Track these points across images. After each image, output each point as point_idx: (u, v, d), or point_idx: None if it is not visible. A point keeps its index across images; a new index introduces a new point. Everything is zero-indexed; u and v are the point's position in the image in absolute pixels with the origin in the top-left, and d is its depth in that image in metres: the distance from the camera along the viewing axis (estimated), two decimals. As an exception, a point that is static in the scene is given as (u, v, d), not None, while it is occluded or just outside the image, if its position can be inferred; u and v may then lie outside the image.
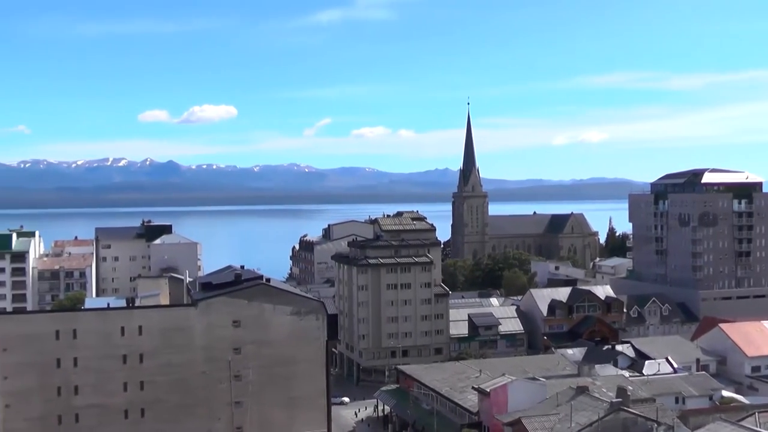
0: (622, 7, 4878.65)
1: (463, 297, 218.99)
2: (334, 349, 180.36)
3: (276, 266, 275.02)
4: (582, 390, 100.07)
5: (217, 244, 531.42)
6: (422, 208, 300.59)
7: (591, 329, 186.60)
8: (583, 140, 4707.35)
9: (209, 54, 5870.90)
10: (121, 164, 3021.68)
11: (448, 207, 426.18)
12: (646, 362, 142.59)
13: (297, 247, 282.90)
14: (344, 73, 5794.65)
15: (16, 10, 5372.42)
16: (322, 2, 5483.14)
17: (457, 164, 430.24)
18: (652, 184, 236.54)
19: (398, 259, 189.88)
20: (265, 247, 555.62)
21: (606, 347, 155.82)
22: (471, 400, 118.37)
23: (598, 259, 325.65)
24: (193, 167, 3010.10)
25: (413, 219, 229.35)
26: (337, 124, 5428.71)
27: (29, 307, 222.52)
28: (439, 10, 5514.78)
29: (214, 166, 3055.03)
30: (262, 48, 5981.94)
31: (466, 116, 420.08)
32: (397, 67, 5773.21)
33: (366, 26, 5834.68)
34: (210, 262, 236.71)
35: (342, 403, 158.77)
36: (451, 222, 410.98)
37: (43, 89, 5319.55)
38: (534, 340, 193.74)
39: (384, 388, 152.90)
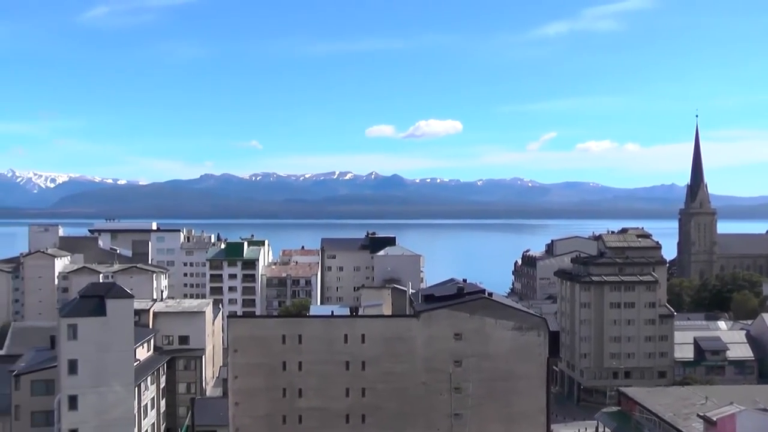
0: None
1: (688, 319, 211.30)
2: (554, 367, 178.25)
3: (498, 281, 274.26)
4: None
5: (440, 257, 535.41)
6: (647, 225, 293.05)
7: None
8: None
9: (436, 69, 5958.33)
10: (347, 177, 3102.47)
11: (675, 224, 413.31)
12: None
13: (519, 261, 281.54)
14: (571, 85, 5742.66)
15: (254, 33, 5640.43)
16: (548, 15, 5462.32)
17: (684, 179, 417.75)
18: None
19: (622, 277, 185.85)
20: (487, 261, 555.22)
21: None
22: (696, 429, 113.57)
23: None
24: (417, 181, 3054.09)
25: (638, 236, 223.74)
26: (562, 138, 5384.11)
27: (257, 312, 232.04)
28: (667, 19, 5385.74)
29: (438, 180, 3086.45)
30: (489, 62, 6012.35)
31: (695, 129, 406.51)
32: (625, 78, 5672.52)
33: (593, 37, 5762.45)
34: (432, 275, 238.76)
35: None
36: (677, 240, 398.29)
37: (276, 106, 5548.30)
38: (765, 368, 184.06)
39: (605, 410, 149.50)
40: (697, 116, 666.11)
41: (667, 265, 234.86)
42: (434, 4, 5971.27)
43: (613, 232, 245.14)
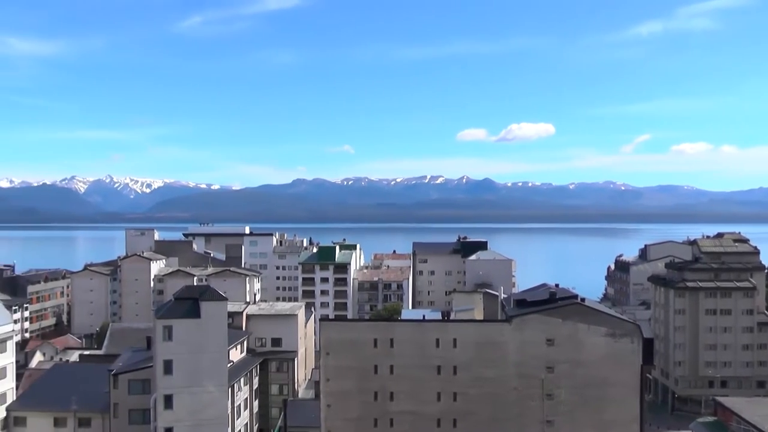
0: None
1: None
2: (648, 375, 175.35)
3: (590, 286, 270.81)
4: None
5: (532, 262, 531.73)
6: (745, 229, 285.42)
7: None
8: None
9: (529, 72, 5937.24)
10: (438, 182, 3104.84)
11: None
12: None
13: (612, 266, 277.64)
14: (665, 86, 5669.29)
15: (347, 39, 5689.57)
16: (641, 15, 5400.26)
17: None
18: None
19: (718, 283, 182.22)
20: (579, 265, 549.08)
21: None
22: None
23: None
24: (509, 185, 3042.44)
25: (735, 241, 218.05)
26: (656, 140, 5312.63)
27: (349, 315, 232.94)
28: (765, 16, 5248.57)
29: (530, 184, 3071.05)
30: (582, 64, 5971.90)
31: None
32: (721, 78, 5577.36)
33: (688, 37, 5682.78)
34: (524, 279, 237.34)
35: None
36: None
37: (368, 111, 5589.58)
38: None
39: (700, 420, 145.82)
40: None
41: (766, 271, 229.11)
42: (525, 5, 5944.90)
43: (708, 237, 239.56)
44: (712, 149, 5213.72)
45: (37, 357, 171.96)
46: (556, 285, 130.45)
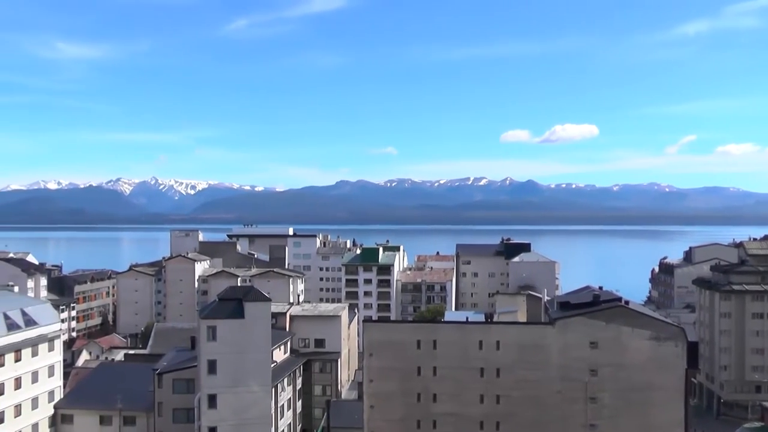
0: None
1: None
2: (693, 379, 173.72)
3: (634, 288, 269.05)
4: None
5: (575, 264, 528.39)
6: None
7: None
8: None
9: (573, 73, 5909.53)
10: (481, 183, 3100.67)
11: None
12: None
13: (656, 269, 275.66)
14: (711, 86, 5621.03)
15: (391, 41, 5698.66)
16: (687, 14, 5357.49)
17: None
18: None
19: (765, 287, 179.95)
20: (623, 268, 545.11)
21: None
22: None
23: None
24: (552, 186, 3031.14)
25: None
26: (702, 141, 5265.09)
27: (392, 317, 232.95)
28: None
29: (573, 186, 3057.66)
30: (626, 64, 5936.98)
31: None
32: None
33: (735, 36, 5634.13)
34: (568, 282, 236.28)
35: None
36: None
37: (412, 113, 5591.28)
38: None
39: (747, 425, 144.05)
40: None
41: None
42: (570, 5, 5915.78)
43: (755, 239, 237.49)
44: (759, 150, 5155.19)
45: (84, 356, 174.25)
46: (600, 287, 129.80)
